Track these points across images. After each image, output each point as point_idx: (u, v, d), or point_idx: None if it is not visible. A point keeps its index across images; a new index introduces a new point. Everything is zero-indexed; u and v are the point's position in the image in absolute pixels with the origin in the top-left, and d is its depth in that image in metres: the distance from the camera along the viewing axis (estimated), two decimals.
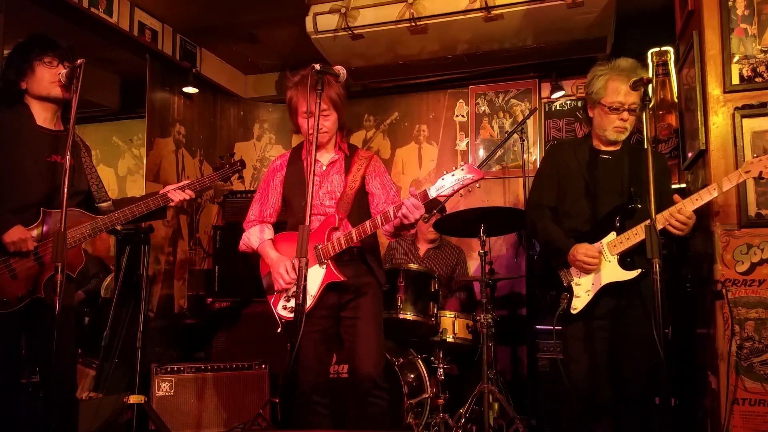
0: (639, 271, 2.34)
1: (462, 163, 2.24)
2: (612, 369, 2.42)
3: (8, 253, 2.22)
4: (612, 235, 2.40)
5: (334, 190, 2.51)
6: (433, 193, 2.20)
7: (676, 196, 2.32)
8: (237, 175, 2.73)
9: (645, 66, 2.48)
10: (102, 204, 2.54)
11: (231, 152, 3.79)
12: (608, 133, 2.48)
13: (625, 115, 2.44)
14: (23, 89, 2.37)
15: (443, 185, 2.19)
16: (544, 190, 2.63)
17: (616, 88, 2.44)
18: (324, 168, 2.54)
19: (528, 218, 2.69)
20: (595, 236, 2.44)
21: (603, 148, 2.56)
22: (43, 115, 2.40)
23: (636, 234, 2.32)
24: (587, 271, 2.41)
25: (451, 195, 2.23)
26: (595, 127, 2.55)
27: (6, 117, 2.34)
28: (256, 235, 2.57)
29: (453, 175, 2.19)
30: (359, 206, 2.52)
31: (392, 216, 2.25)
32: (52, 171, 2.35)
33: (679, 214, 2.25)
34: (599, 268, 2.40)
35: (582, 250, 2.40)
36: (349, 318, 2.47)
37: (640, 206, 2.39)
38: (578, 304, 2.43)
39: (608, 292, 2.39)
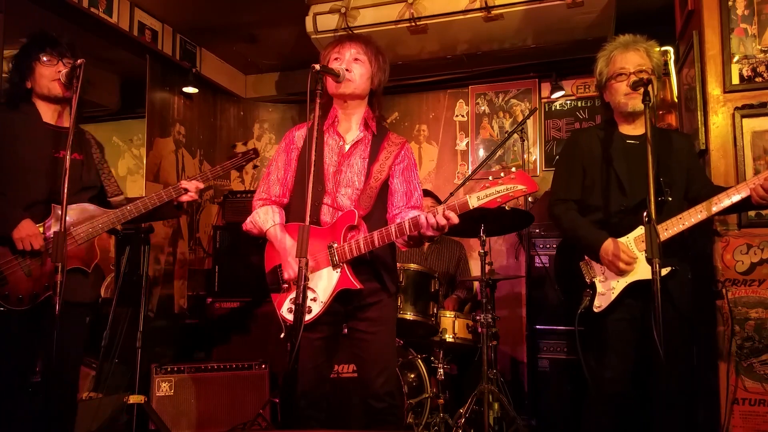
0: (669, 269, 2.15)
1: (513, 169, 1.94)
2: (640, 370, 2.26)
3: (20, 250, 2.21)
4: (640, 230, 2.23)
5: (353, 179, 2.17)
6: (474, 203, 1.90)
7: None
8: (252, 163, 2.67)
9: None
10: (114, 198, 2.55)
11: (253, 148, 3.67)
12: (623, 103, 2.35)
13: (633, 78, 2.30)
14: (29, 89, 2.39)
15: (488, 194, 1.89)
16: (568, 183, 2.47)
17: (617, 58, 2.36)
18: (347, 149, 2.20)
19: (552, 214, 2.49)
20: (622, 230, 2.28)
21: (628, 132, 2.40)
22: (49, 113, 2.42)
23: (666, 230, 2.18)
24: (618, 273, 2.25)
25: (496, 207, 1.91)
26: (613, 107, 2.43)
27: (12, 117, 2.36)
28: (268, 215, 2.22)
29: (500, 183, 1.88)
30: (382, 203, 2.20)
31: (425, 222, 1.93)
32: (58, 166, 2.35)
33: None
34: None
35: (616, 250, 2.21)
36: (360, 331, 2.19)
37: (670, 199, 2.24)
38: (602, 302, 2.26)
39: (634, 290, 2.24)
